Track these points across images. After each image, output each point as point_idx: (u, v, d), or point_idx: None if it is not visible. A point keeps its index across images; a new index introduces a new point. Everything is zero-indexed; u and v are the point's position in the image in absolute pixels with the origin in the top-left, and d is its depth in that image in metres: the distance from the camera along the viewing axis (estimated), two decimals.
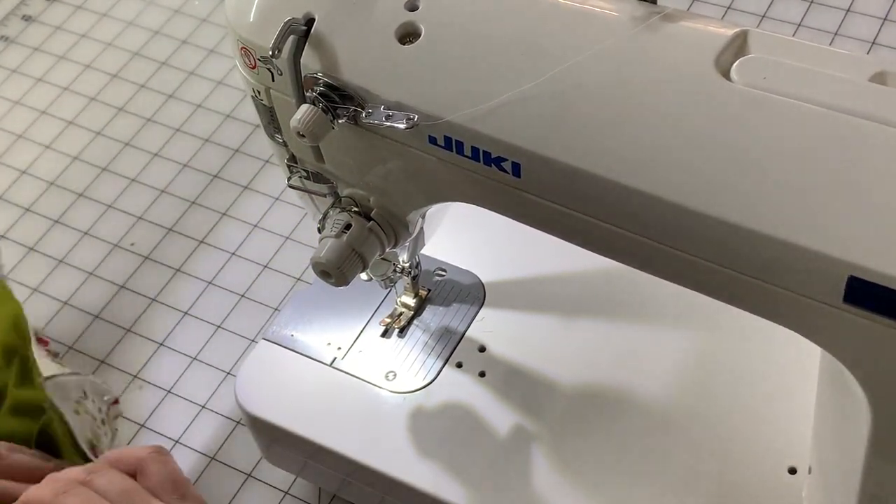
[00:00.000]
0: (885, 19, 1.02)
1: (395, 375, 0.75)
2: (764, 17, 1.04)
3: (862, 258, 0.45)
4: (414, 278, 0.76)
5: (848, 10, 1.03)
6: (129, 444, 0.84)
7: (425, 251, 0.78)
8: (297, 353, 0.78)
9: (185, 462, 0.83)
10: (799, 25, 1.03)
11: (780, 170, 0.47)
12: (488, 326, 0.77)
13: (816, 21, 1.03)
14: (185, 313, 0.91)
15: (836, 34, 1.02)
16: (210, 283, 0.93)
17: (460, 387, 0.74)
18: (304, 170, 0.64)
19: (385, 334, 0.78)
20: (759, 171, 0.48)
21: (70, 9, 1.19)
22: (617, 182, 0.50)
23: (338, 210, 0.63)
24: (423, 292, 0.79)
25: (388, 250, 0.65)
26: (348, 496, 0.78)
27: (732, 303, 0.52)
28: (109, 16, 1.17)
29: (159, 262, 0.95)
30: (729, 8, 1.06)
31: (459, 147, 0.54)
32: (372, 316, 0.79)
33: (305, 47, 0.56)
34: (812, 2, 1.05)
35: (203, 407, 0.86)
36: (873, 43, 1.01)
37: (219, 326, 0.90)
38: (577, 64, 0.51)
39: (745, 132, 0.48)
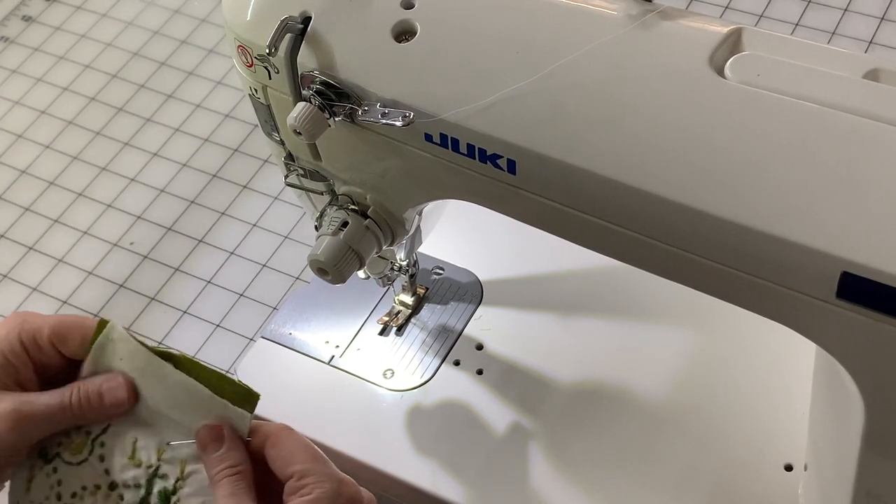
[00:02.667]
0: (882, 18, 1.02)
1: (392, 373, 0.75)
2: (762, 16, 1.05)
3: (855, 254, 0.45)
4: (412, 277, 0.76)
5: (846, 10, 1.04)
6: None
7: (423, 249, 0.78)
8: (296, 351, 0.78)
9: None
10: (797, 25, 1.03)
11: (774, 166, 0.47)
12: (486, 324, 0.77)
13: (814, 20, 1.03)
14: (184, 312, 0.91)
15: (833, 33, 1.02)
16: (209, 282, 0.93)
17: (458, 385, 0.74)
18: (302, 168, 0.65)
19: (383, 332, 0.78)
20: (752, 168, 0.48)
21: (70, 9, 1.19)
22: (612, 179, 0.50)
23: (335, 208, 0.64)
24: (420, 290, 0.79)
25: (384, 248, 0.65)
26: None
27: (727, 299, 0.52)
28: (109, 16, 1.17)
29: (158, 261, 0.95)
30: (727, 7, 1.06)
31: (455, 144, 0.54)
32: (370, 314, 0.79)
33: (302, 45, 0.56)
34: (810, 1, 1.05)
35: None
36: (871, 42, 1.01)
37: (218, 325, 0.90)
38: (572, 61, 0.52)
39: (739, 129, 0.49)
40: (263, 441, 0.56)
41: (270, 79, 0.58)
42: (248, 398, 0.56)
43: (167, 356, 0.58)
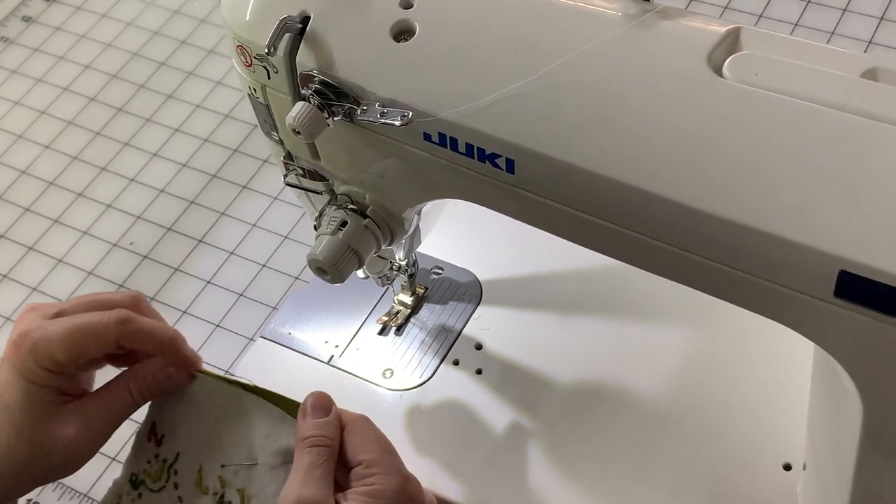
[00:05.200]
0: (881, 19, 1.02)
1: (392, 373, 0.75)
2: (761, 16, 1.05)
3: (852, 253, 0.45)
4: (411, 276, 0.76)
5: (845, 10, 1.04)
6: None
7: (422, 249, 0.78)
8: (295, 351, 0.78)
9: None
10: (796, 25, 1.03)
11: (772, 166, 0.47)
12: (485, 324, 0.77)
13: (813, 20, 1.03)
14: (184, 312, 0.91)
15: (832, 34, 1.02)
16: (209, 282, 0.93)
17: (457, 384, 0.74)
18: (301, 167, 0.65)
19: (382, 332, 0.78)
20: (751, 167, 0.48)
21: (70, 9, 1.19)
22: (610, 178, 0.50)
23: (334, 207, 0.64)
24: (420, 290, 0.79)
25: (383, 247, 0.65)
26: None
27: (725, 298, 0.52)
28: (109, 16, 1.18)
29: (158, 261, 0.95)
30: (726, 7, 1.06)
31: (454, 144, 0.54)
32: (369, 314, 0.79)
33: (301, 45, 0.56)
34: (809, 1, 1.05)
35: None
36: (870, 42, 1.01)
37: (217, 325, 0.90)
38: (571, 60, 0.52)
39: (736, 128, 0.49)
40: (342, 427, 0.57)
41: (269, 78, 0.59)
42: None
43: (236, 383, 0.62)
